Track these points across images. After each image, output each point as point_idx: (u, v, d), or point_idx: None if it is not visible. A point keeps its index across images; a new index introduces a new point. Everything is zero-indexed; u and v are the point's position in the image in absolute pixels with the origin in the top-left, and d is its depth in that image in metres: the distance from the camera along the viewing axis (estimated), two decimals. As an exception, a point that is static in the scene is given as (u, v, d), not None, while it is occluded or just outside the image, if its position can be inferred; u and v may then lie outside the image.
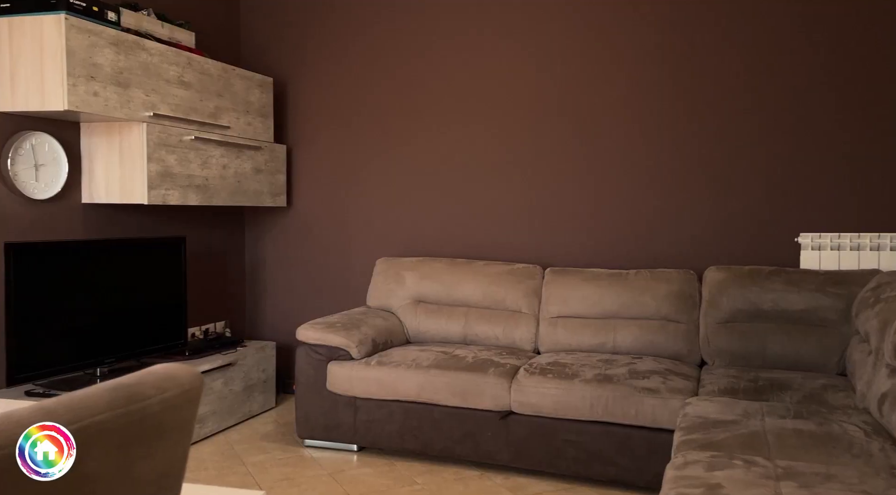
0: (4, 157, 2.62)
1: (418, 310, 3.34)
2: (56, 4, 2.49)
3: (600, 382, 2.62)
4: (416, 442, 2.84)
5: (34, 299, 2.54)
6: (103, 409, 0.65)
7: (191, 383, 0.76)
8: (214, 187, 3.24)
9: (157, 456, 0.72)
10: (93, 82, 2.62)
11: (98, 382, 2.66)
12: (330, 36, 3.80)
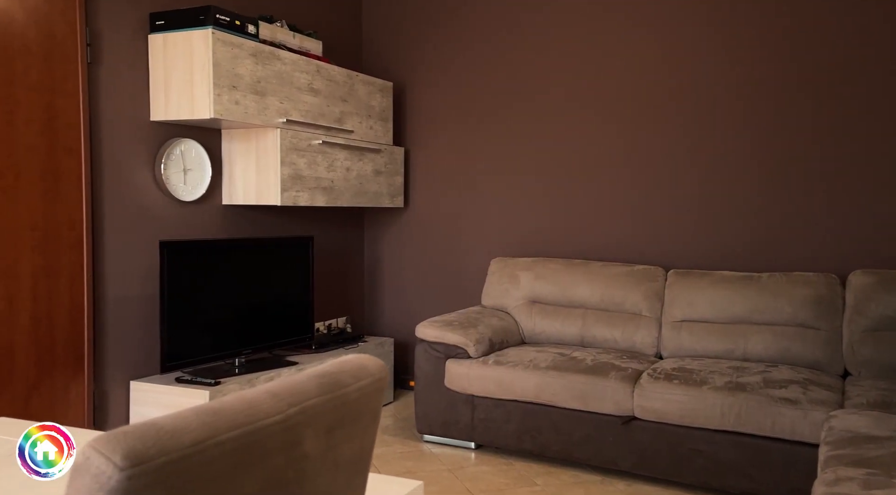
0: (158, 163, 2.86)
1: (533, 310, 3.32)
2: (204, 20, 2.70)
3: (732, 390, 2.50)
4: (533, 443, 2.83)
5: (183, 293, 2.75)
6: (315, 395, 0.70)
7: (380, 373, 0.81)
8: (339, 189, 3.39)
9: (354, 440, 0.77)
10: (235, 91, 2.81)
11: (236, 372, 2.87)
12: (446, 40, 3.87)
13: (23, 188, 2.40)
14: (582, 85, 3.54)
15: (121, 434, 0.53)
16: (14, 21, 2.36)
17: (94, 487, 0.50)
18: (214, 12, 2.70)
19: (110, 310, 2.70)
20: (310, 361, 3.13)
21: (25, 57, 2.39)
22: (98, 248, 2.65)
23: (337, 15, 3.88)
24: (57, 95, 2.49)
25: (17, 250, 2.40)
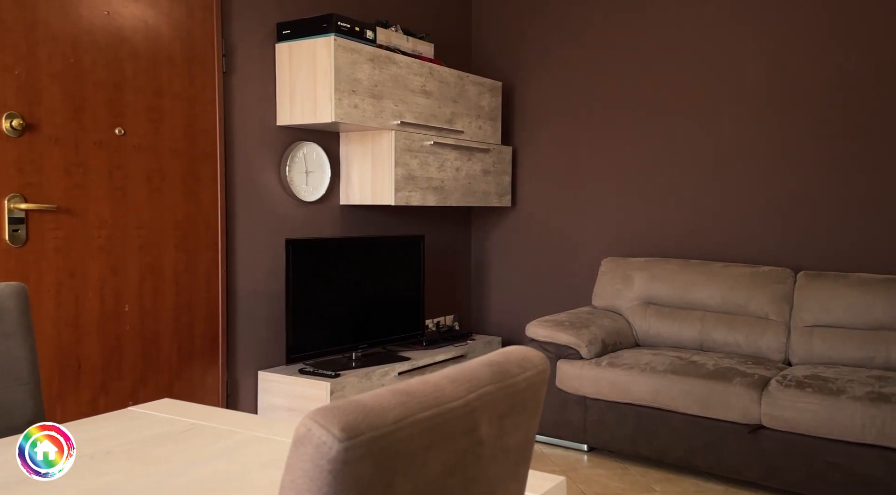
0: (283, 165, 3.02)
1: (648, 312, 3.23)
2: (327, 28, 2.82)
3: (874, 401, 2.32)
4: (650, 448, 2.75)
5: (305, 289, 2.89)
6: (489, 382, 0.71)
7: (543, 364, 0.81)
8: (449, 188, 3.44)
9: (520, 429, 0.78)
10: (354, 96, 2.92)
11: (353, 365, 2.98)
12: (555, 38, 3.84)
13: (167, 190, 2.61)
14: (696, 78, 3.40)
15: (335, 408, 0.57)
16: (162, 36, 2.57)
17: (316, 456, 0.54)
18: (336, 20, 2.82)
19: (240, 303, 2.87)
20: (421, 357, 3.19)
21: (171, 68, 2.60)
22: (230, 246, 2.84)
23: (447, 17, 3.94)
24: (196, 103, 2.69)
25: (162, 247, 2.61)
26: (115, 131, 2.45)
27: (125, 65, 2.46)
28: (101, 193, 2.41)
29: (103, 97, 2.41)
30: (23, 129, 2.20)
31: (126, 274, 2.49)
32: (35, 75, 2.22)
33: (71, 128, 2.32)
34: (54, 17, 2.26)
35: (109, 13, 2.41)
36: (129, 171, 2.49)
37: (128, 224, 2.50)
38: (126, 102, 2.47)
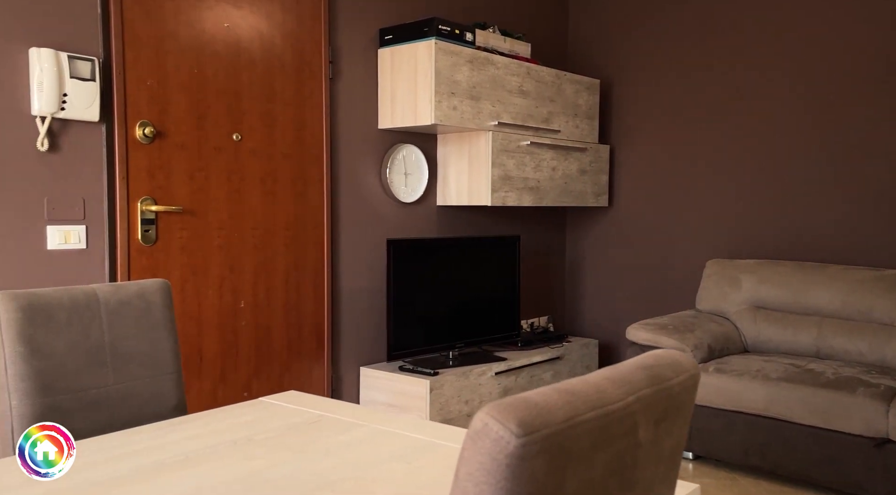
0: (384, 168, 3.10)
1: (758, 316, 3.08)
2: (428, 32, 2.87)
3: None
4: (762, 459, 2.63)
5: (405, 287, 2.96)
6: (645, 385, 0.71)
7: (694, 368, 0.80)
8: (545, 188, 3.42)
9: (673, 434, 0.76)
10: (453, 98, 2.95)
11: (450, 364, 3.01)
12: (654, 35, 3.73)
13: (279, 192, 2.74)
14: (811, 73, 3.21)
15: (509, 405, 0.58)
16: (275, 45, 2.69)
17: (494, 450, 0.56)
18: (437, 23, 2.86)
19: (344, 301, 2.97)
20: (517, 358, 3.19)
21: (282, 76, 2.72)
22: (334, 246, 2.94)
23: (544, 16, 3.92)
24: (305, 109, 2.81)
25: (275, 247, 2.74)
26: (233, 137, 2.59)
27: (242, 74, 2.60)
28: (220, 196, 2.56)
29: (223, 105, 2.55)
30: (153, 136, 2.37)
31: (242, 272, 2.64)
32: (164, 86, 2.39)
33: (195, 134, 2.48)
34: (181, 31, 2.43)
35: (229, 26, 2.56)
36: (245, 175, 2.64)
37: (244, 224, 2.64)
38: (243, 109, 2.61)
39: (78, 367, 1.32)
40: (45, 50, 2.08)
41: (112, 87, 2.25)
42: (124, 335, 1.41)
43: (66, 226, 2.20)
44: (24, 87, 2.08)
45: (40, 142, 2.11)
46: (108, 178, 2.27)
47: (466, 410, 2.93)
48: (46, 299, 1.31)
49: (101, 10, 2.22)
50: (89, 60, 2.17)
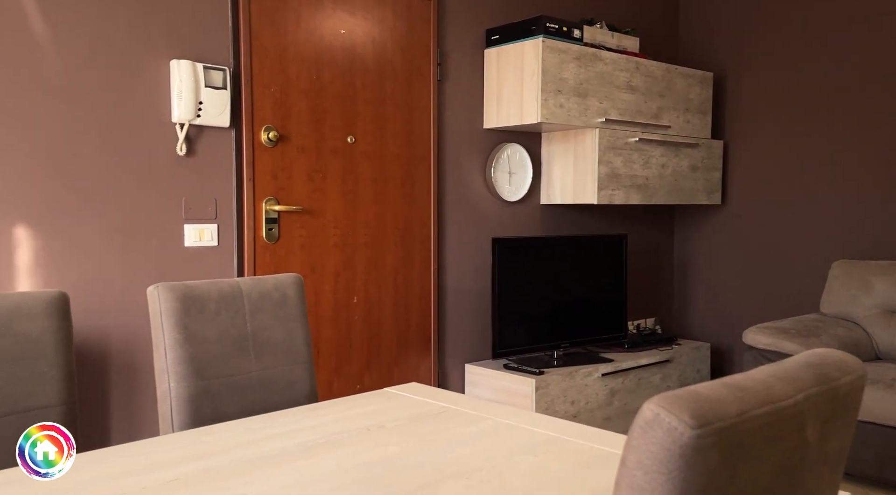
0: (489, 167, 3.13)
1: (893, 322, 2.85)
2: (535, 30, 2.87)
3: None
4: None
5: (510, 286, 2.97)
6: (813, 384, 0.69)
7: (861, 369, 0.76)
8: (653, 186, 3.32)
9: (838, 435, 0.73)
10: (559, 95, 2.93)
11: (555, 364, 2.99)
12: (771, 24, 3.54)
13: (389, 192, 2.83)
14: (959, 53, 2.93)
15: (679, 397, 0.58)
16: (386, 50, 2.78)
17: (667, 440, 0.56)
18: (545, 21, 2.86)
19: (450, 298, 3.02)
20: (624, 360, 3.12)
21: (393, 79, 2.81)
22: (440, 244, 3.00)
23: (653, 9, 3.81)
24: (414, 111, 2.88)
25: (385, 245, 2.83)
26: (348, 139, 2.70)
27: (356, 78, 2.71)
28: (335, 196, 2.68)
29: (338, 109, 2.67)
30: (277, 140, 2.51)
31: (354, 269, 2.74)
32: (286, 92, 2.53)
33: (313, 137, 2.61)
34: (302, 39, 2.56)
35: (345, 32, 2.67)
36: (358, 176, 2.74)
37: (356, 223, 2.74)
38: (356, 113, 2.72)
39: (225, 354, 1.43)
40: (183, 61, 2.25)
41: (240, 94, 2.41)
42: (264, 325, 1.51)
43: (200, 225, 2.37)
44: (165, 96, 2.27)
45: (179, 148, 2.29)
46: (237, 180, 2.43)
47: (572, 411, 2.90)
48: (199, 291, 1.43)
49: (232, 22, 2.38)
50: (221, 70, 2.34)
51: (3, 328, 1.14)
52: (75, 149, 2.10)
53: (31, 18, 2.01)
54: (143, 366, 2.23)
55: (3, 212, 1.98)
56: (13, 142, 1.99)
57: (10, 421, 1.13)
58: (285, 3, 2.50)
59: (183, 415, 1.35)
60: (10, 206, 1.99)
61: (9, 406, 1.13)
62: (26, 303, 1.18)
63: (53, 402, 1.19)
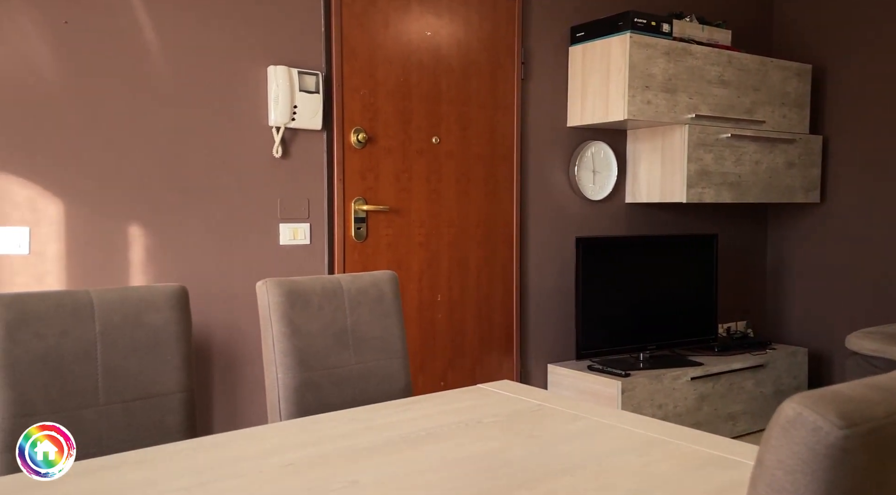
0: (572, 165, 3.09)
1: None
2: (622, 26, 2.82)
3: None
4: None
5: (594, 286, 2.92)
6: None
7: None
8: (746, 184, 3.19)
9: None
10: (647, 92, 2.87)
11: (640, 366, 2.93)
12: (876, 10, 3.33)
13: (472, 192, 2.85)
14: None
15: (823, 396, 0.56)
16: (471, 50, 2.81)
17: (811, 440, 0.54)
18: (633, 17, 2.80)
19: (531, 298, 3.01)
20: (714, 364, 3.02)
21: (477, 79, 2.83)
22: (523, 243, 2.99)
23: (745, 0, 3.67)
24: (497, 110, 2.89)
25: (468, 244, 2.85)
26: (432, 140, 2.74)
27: (441, 79, 2.74)
28: (420, 196, 2.72)
29: (424, 110, 2.71)
30: (365, 142, 2.58)
31: (438, 267, 2.78)
32: (375, 94, 2.59)
33: (399, 138, 2.66)
34: (390, 41, 2.62)
35: (431, 34, 2.71)
36: (442, 175, 2.77)
37: (440, 223, 2.78)
38: (441, 113, 2.75)
39: (327, 347, 1.48)
40: (280, 67, 2.35)
41: (332, 97, 2.49)
42: (362, 320, 1.56)
43: (294, 224, 2.47)
44: (262, 101, 2.37)
45: (275, 150, 2.39)
46: (328, 181, 2.51)
47: (660, 415, 2.83)
48: (303, 286, 1.49)
49: (325, 27, 2.47)
50: (314, 74, 2.42)
51: (132, 319, 1.23)
52: (183, 153, 2.23)
53: (146, 32, 2.15)
54: (241, 357, 2.35)
55: (120, 211, 2.13)
56: (130, 146, 2.14)
57: (139, 406, 1.22)
58: (374, 8, 2.56)
59: (289, 404, 1.41)
60: (126, 206, 2.13)
61: (138, 391, 1.22)
62: (152, 295, 1.27)
63: (175, 389, 1.27)
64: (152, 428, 1.22)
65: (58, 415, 1.12)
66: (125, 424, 1.19)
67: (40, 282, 2.01)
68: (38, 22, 1.98)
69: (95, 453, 1.15)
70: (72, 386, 1.15)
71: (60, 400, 1.13)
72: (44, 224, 2.01)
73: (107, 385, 1.19)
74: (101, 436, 1.17)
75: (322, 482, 1.01)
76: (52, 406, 1.13)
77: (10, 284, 1.96)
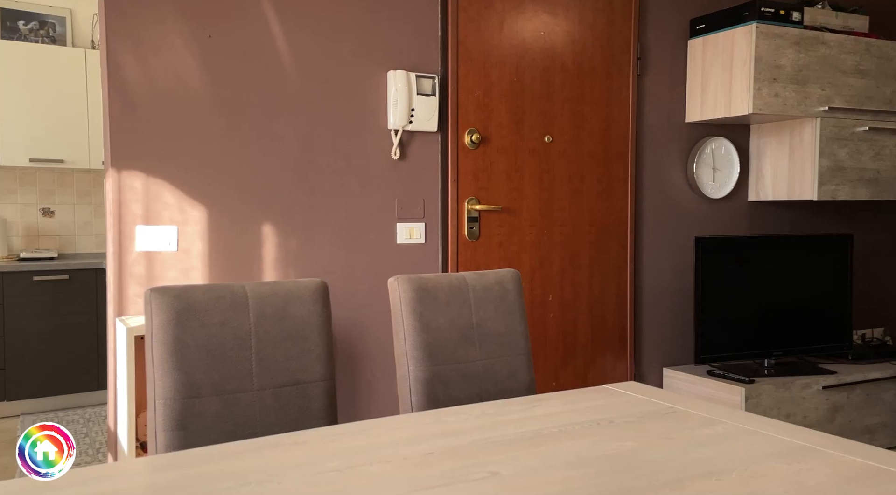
0: (691, 162, 2.98)
1: None
2: (748, 16, 2.69)
3: None
4: None
5: (714, 288, 2.80)
6: None
7: None
8: (887, 180, 2.95)
9: None
10: (774, 84, 2.72)
11: (766, 373, 2.77)
12: None
13: (585, 190, 2.81)
14: None
15: None
16: (585, 47, 2.77)
17: None
18: (759, 5, 2.66)
19: (646, 299, 2.93)
20: (849, 373, 2.81)
21: (591, 76, 2.79)
22: (637, 243, 2.91)
23: (881, -18, 3.39)
24: (612, 107, 2.83)
25: (581, 243, 2.82)
26: (545, 139, 2.73)
27: (554, 78, 2.73)
28: (532, 195, 2.72)
29: (537, 109, 2.71)
30: (479, 142, 2.61)
31: (550, 267, 2.76)
32: (489, 95, 2.62)
33: (512, 138, 2.67)
34: (504, 42, 2.64)
35: (544, 33, 2.70)
36: (555, 175, 2.76)
37: (552, 222, 2.76)
38: (554, 112, 2.74)
39: (454, 342, 1.52)
40: (399, 72, 2.43)
41: (447, 99, 2.54)
42: (487, 317, 1.58)
43: (410, 224, 2.54)
44: (382, 104, 2.46)
45: (393, 152, 2.47)
46: (442, 181, 2.57)
47: (787, 425, 2.67)
48: (431, 283, 1.53)
49: (441, 32, 2.52)
50: (430, 78, 2.48)
51: (281, 311, 1.32)
52: (310, 157, 2.36)
53: (278, 43, 2.29)
54: (363, 349, 2.45)
55: (254, 212, 2.28)
56: (263, 151, 2.29)
57: (287, 392, 1.31)
58: (490, 10, 2.59)
59: (420, 396, 1.46)
60: (259, 207, 2.28)
61: (286, 378, 1.31)
62: (297, 289, 1.36)
63: (318, 378, 1.35)
64: (298, 412, 1.30)
65: (220, 398, 1.23)
66: (276, 408, 1.28)
67: (186, 276, 2.19)
68: (185, 36, 2.16)
69: (251, 434, 1.24)
70: (230, 371, 1.25)
71: (221, 384, 1.23)
72: (189, 223, 2.19)
73: (260, 371, 1.28)
74: (256, 418, 1.26)
75: (463, 471, 1.04)
76: (215, 389, 1.23)
77: (162, 278, 2.15)
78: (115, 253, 2.09)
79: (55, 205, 3.97)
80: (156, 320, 1.21)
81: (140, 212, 2.12)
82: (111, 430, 2.07)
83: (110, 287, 2.11)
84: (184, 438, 1.19)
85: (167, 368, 1.20)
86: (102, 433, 3.24)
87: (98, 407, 3.62)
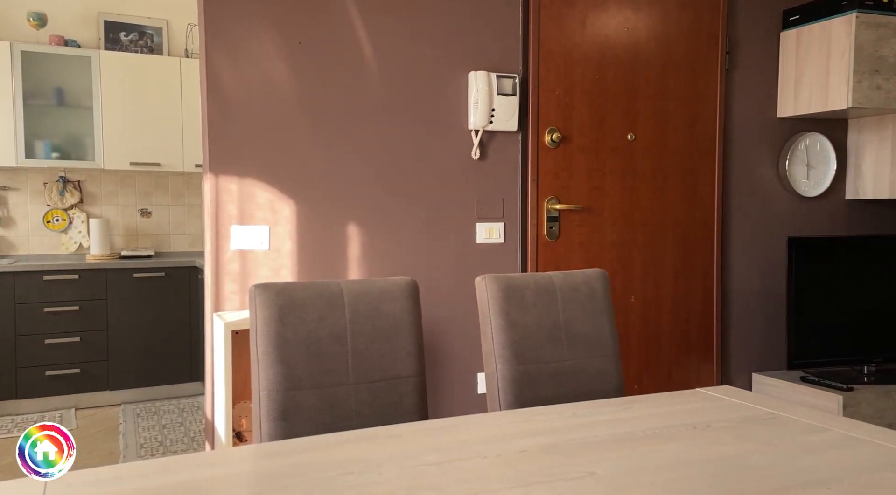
0: (783, 159, 2.85)
1: None
2: (847, 5, 2.55)
3: None
4: None
5: (808, 291, 2.67)
6: None
7: None
8: None
9: None
10: (876, 76, 2.56)
11: (865, 380, 2.61)
12: None
13: (669, 189, 2.74)
14: None
15: None
16: (671, 43, 2.70)
17: None
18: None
19: (734, 301, 2.83)
20: (961, 384, 2.61)
21: (676, 72, 2.72)
22: (724, 242, 2.81)
23: None
24: (698, 103, 2.75)
25: (664, 243, 2.75)
26: (627, 137, 2.68)
27: (638, 75, 2.67)
28: (614, 194, 2.67)
29: (619, 107, 2.66)
30: (559, 141, 2.59)
31: (632, 267, 2.71)
32: (570, 94, 2.60)
33: (593, 137, 2.64)
34: (586, 40, 2.61)
35: (628, 30, 2.65)
36: (638, 173, 2.70)
37: (634, 221, 2.71)
38: (637, 109, 2.68)
39: (541, 341, 1.52)
40: (479, 72, 2.44)
41: (527, 99, 2.53)
42: (574, 317, 1.57)
43: (489, 223, 2.55)
44: (463, 105, 2.48)
45: (473, 152, 2.49)
46: (522, 181, 2.57)
47: (890, 437, 2.51)
48: (518, 282, 1.54)
49: (522, 31, 2.52)
50: (511, 78, 2.49)
51: (374, 308, 1.36)
52: (393, 158, 2.41)
53: (364, 48, 2.35)
54: (445, 346, 2.48)
55: (340, 212, 2.35)
56: (348, 153, 2.35)
57: (381, 386, 1.34)
58: (572, 8, 2.57)
59: (508, 395, 1.47)
60: (345, 208, 2.35)
61: (380, 373, 1.35)
62: (389, 287, 1.39)
63: (409, 373, 1.38)
64: (392, 407, 1.34)
65: (319, 391, 1.28)
66: (370, 402, 1.32)
67: (277, 274, 2.28)
68: (278, 43, 2.25)
69: (347, 426, 1.28)
70: (328, 365, 1.30)
71: (320, 377, 1.28)
72: (280, 223, 2.28)
73: (355, 365, 1.32)
74: (352, 411, 1.31)
75: (560, 470, 1.05)
76: (314, 382, 1.28)
77: (255, 276, 2.25)
78: (213, 251, 2.20)
79: (152, 206, 4.22)
80: (260, 315, 1.27)
81: (235, 212, 2.22)
82: (209, 420, 2.18)
83: (208, 284, 2.23)
84: (286, 428, 1.24)
85: (271, 361, 1.26)
86: (196, 422, 3.42)
87: (191, 398, 3.82)
